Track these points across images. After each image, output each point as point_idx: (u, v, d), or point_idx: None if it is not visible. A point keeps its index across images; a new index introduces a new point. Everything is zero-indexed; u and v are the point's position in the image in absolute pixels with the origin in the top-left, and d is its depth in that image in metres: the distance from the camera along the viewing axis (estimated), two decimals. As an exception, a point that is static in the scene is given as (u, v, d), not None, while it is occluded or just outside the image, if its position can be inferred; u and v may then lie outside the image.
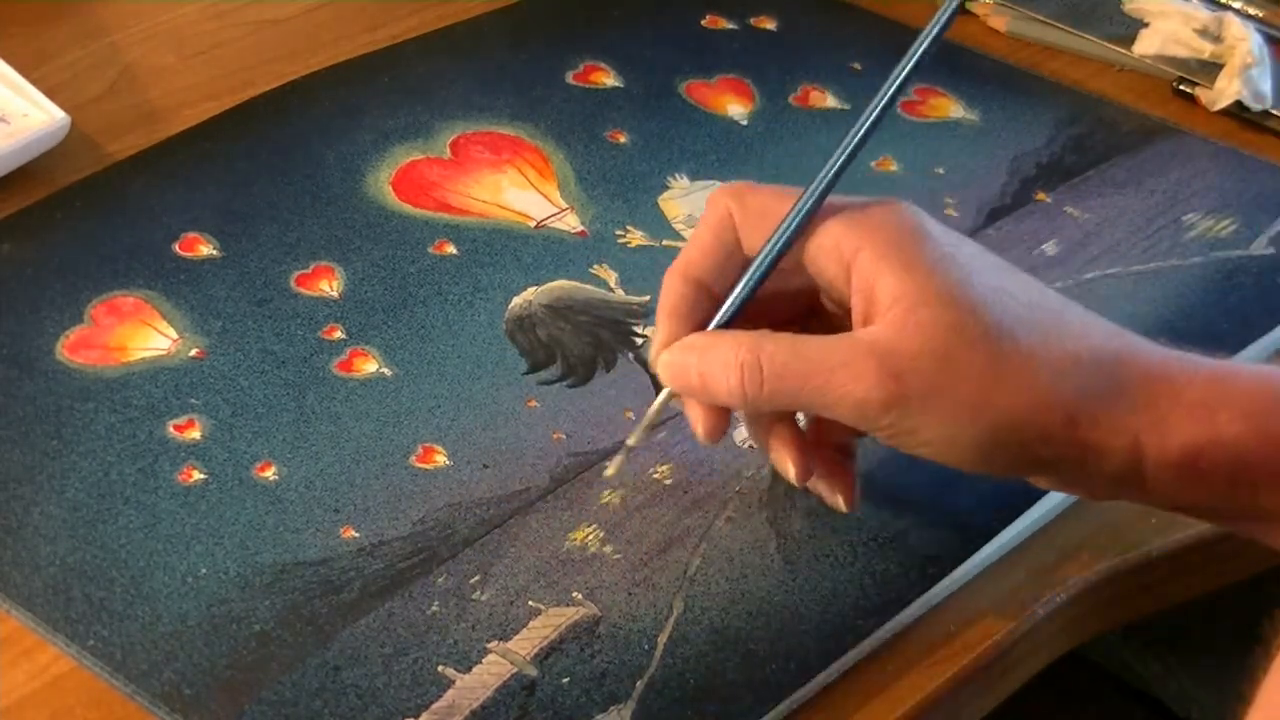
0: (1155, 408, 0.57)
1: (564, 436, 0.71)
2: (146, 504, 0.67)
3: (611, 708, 0.60)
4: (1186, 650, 0.88)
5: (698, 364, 0.61)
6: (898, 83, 0.62)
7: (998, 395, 0.57)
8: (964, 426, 0.57)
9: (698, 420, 0.63)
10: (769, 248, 0.61)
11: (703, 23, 0.98)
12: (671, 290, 0.62)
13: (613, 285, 0.78)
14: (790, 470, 0.63)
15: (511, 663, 0.61)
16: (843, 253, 0.59)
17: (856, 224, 0.59)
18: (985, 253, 0.61)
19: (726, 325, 0.62)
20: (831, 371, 0.57)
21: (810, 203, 0.61)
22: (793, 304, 0.64)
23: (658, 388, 0.66)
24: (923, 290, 0.57)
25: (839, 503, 0.65)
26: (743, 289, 0.62)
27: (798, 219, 0.61)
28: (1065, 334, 0.58)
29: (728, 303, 0.62)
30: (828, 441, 0.65)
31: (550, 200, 0.84)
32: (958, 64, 0.95)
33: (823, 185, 0.61)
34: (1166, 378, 0.58)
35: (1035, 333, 0.58)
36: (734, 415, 0.71)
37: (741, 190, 0.62)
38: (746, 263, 0.62)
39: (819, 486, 0.65)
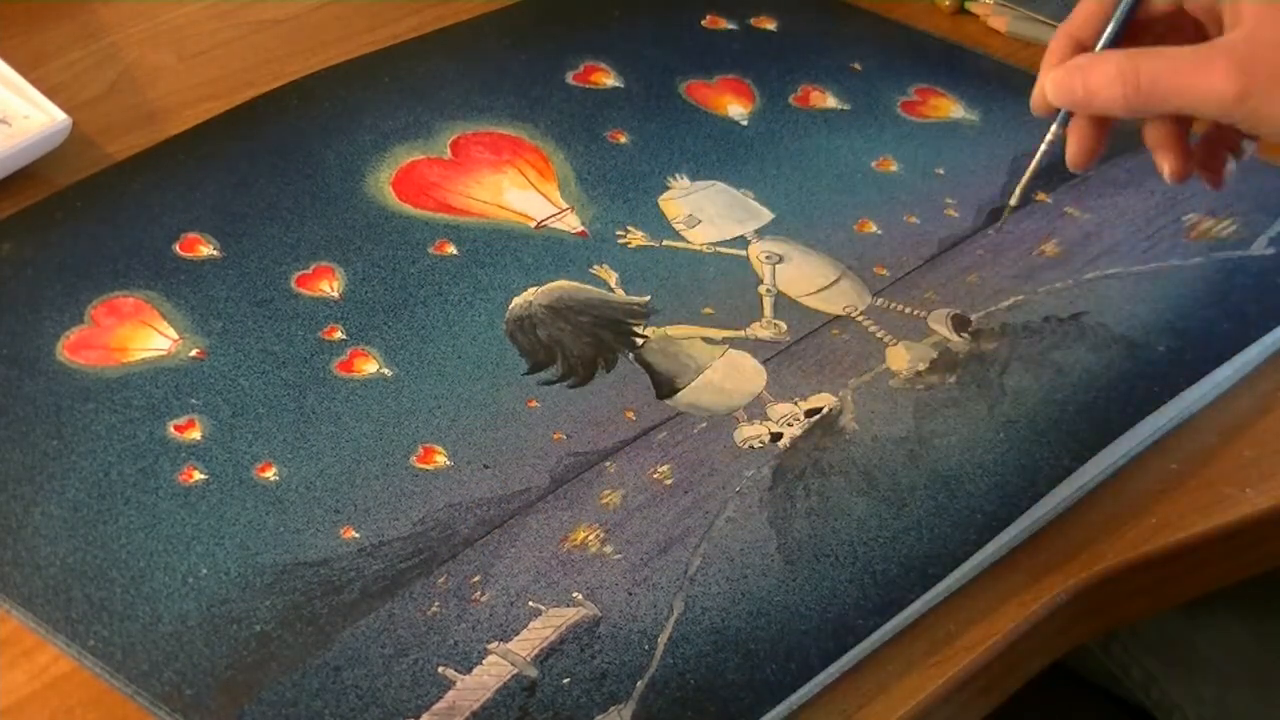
0: None
1: (564, 437, 0.71)
2: (147, 504, 0.67)
3: (612, 708, 0.60)
4: (1169, 657, 0.88)
5: (1083, 77, 0.68)
6: None
7: None
8: None
9: (1076, 143, 0.71)
10: None
11: (703, 23, 0.98)
12: (1055, 45, 0.71)
13: (613, 285, 0.78)
14: (1165, 168, 0.71)
15: (512, 663, 0.61)
16: None
17: None
18: None
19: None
20: (1192, 70, 0.66)
21: None
22: (1176, 42, 0.69)
23: (658, 387, 0.66)
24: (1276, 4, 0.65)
25: (1207, 183, 0.73)
26: (1123, 8, 0.70)
27: None
28: None
29: (1110, 25, 0.70)
30: (1219, 145, 0.73)
31: (550, 200, 0.84)
32: (958, 64, 0.95)
33: None
34: None
35: None
36: (733, 416, 0.71)
37: None
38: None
39: (1193, 175, 0.72)
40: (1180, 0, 0.70)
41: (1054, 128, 0.71)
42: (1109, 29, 0.71)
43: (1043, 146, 0.72)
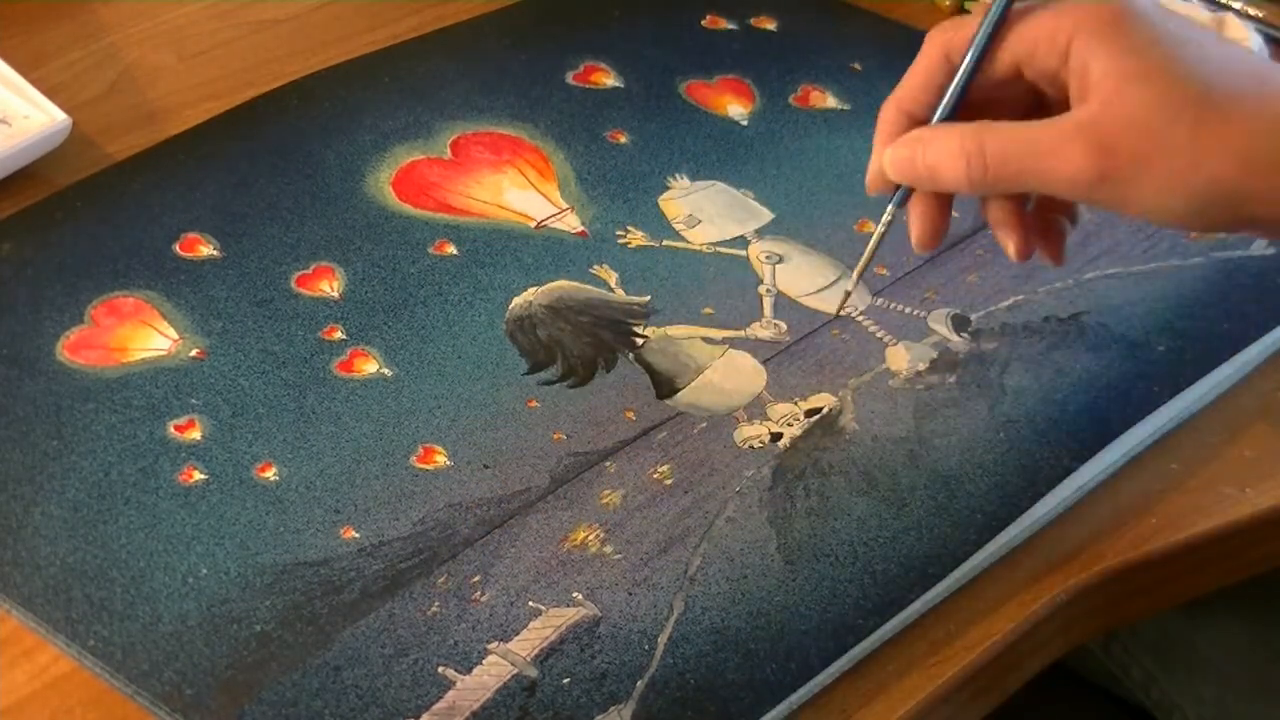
0: None
1: (564, 437, 0.71)
2: (147, 504, 0.67)
3: (612, 708, 0.60)
4: (1169, 657, 0.88)
5: (924, 153, 0.65)
6: None
7: (1206, 162, 0.60)
8: (1175, 194, 0.60)
9: (918, 223, 0.67)
10: (979, 34, 0.64)
11: (703, 23, 0.98)
12: (886, 120, 0.67)
13: (613, 285, 0.78)
14: (1010, 248, 0.67)
15: (512, 663, 0.61)
16: (1057, 41, 0.62)
17: (1068, 13, 0.62)
18: (1191, 25, 0.63)
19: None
20: (1046, 152, 0.61)
21: None
22: (1012, 109, 0.66)
23: (658, 387, 0.66)
24: (1131, 67, 0.60)
25: (1048, 260, 0.69)
26: (961, 77, 0.65)
27: None
28: (1272, 94, 0.61)
29: (947, 95, 0.65)
30: (1051, 213, 0.68)
31: (550, 200, 0.84)
32: (958, 64, 0.95)
33: None
34: None
35: (1242, 97, 0.60)
36: (733, 416, 0.71)
37: (954, 21, 0.66)
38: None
39: (1036, 253, 0.69)
40: (1019, 67, 0.64)
41: (890, 207, 0.67)
42: (945, 100, 0.66)
43: (880, 228, 0.68)
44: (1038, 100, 0.66)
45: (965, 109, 0.65)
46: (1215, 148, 0.60)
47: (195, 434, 0.70)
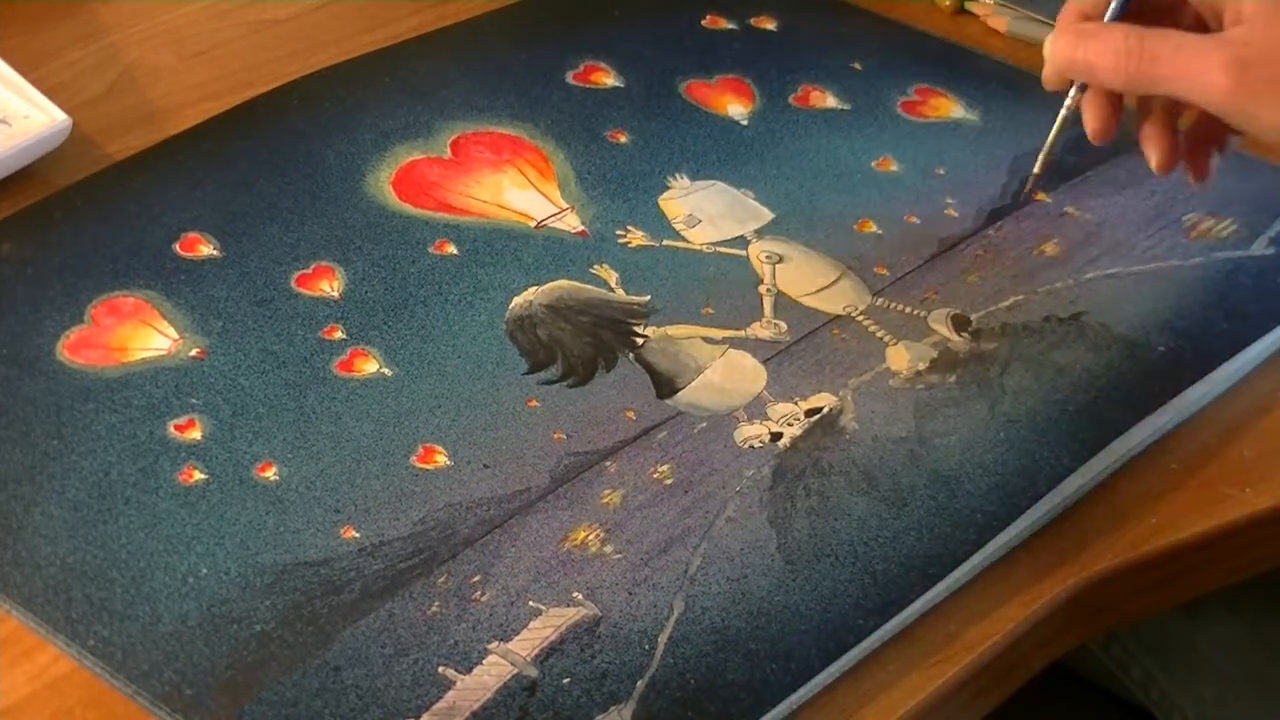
0: None
1: (564, 436, 0.71)
2: (147, 504, 0.67)
3: (612, 708, 0.60)
4: (1169, 657, 0.88)
5: (1086, 45, 0.69)
6: None
7: None
8: None
9: (1095, 115, 0.71)
10: None
11: (703, 23, 0.98)
12: (1064, 15, 0.71)
13: (613, 285, 0.78)
14: (1153, 159, 0.72)
15: (512, 663, 0.61)
16: None
17: None
18: None
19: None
20: (1191, 58, 0.66)
21: None
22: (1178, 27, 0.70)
23: (658, 387, 0.66)
24: (1275, 5, 0.66)
25: (1190, 178, 0.74)
26: None
27: None
28: None
29: (1114, 2, 0.70)
30: (1206, 139, 0.73)
31: (551, 200, 0.84)
32: (958, 64, 0.95)
33: None
34: None
35: None
36: (733, 416, 0.71)
37: None
38: None
39: (1178, 166, 0.73)
40: None
41: (1072, 92, 0.72)
42: (1114, 3, 0.71)
43: (1061, 112, 0.73)
44: (1199, 28, 0.70)
45: (1134, 21, 0.69)
46: None
47: (195, 434, 0.70)
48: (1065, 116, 0.73)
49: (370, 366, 0.74)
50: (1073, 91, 0.72)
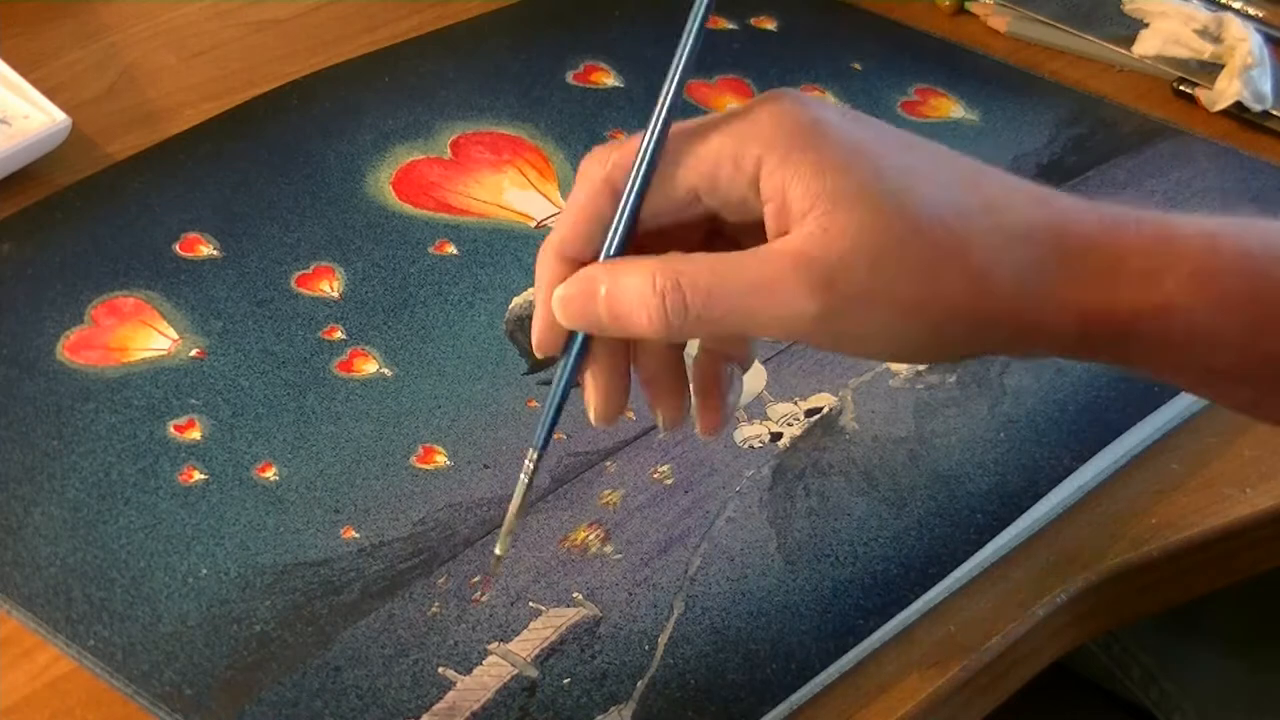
0: (1100, 279, 0.54)
1: (564, 437, 0.71)
2: (147, 504, 0.67)
3: (612, 708, 0.60)
4: (1169, 657, 0.88)
5: (606, 293, 0.54)
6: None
7: (937, 288, 0.53)
8: (907, 325, 0.53)
9: (594, 396, 0.57)
10: (642, 153, 0.54)
11: (703, 23, 0.98)
12: (547, 269, 0.56)
13: (613, 285, 0.78)
14: (663, 418, 0.59)
15: (512, 664, 0.61)
16: (743, 166, 0.53)
17: (749, 133, 0.54)
18: (885, 129, 0.56)
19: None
20: (757, 289, 0.53)
21: (676, 72, 0.56)
22: (688, 238, 0.57)
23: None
24: (837, 190, 0.52)
25: (707, 425, 0.59)
26: (625, 203, 0.55)
27: (664, 104, 0.55)
28: (991, 209, 0.54)
29: (614, 225, 0.55)
30: (720, 362, 0.59)
31: (550, 200, 0.84)
32: (958, 64, 0.95)
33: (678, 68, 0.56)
34: (1108, 245, 0.54)
35: (961, 214, 0.53)
36: (734, 415, 0.71)
37: (611, 146, 0.56)
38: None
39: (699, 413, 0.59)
40: (696, 194, 0.54)
41: (567, 366, 0.56)
42: (613, 230, 0.55)
43: (552, 397, 0.57)
44: (714, 230, 0.57)
45: (634, 247, 0.55)
46: (946, 271, 0.53)
47: (195, 434, 0.70)
48: (559, 396, 0.57)
49: (370, 367, 0.74)
50: (571, 356, 0.56)
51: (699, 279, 0.53)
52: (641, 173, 0.54)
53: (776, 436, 0.71)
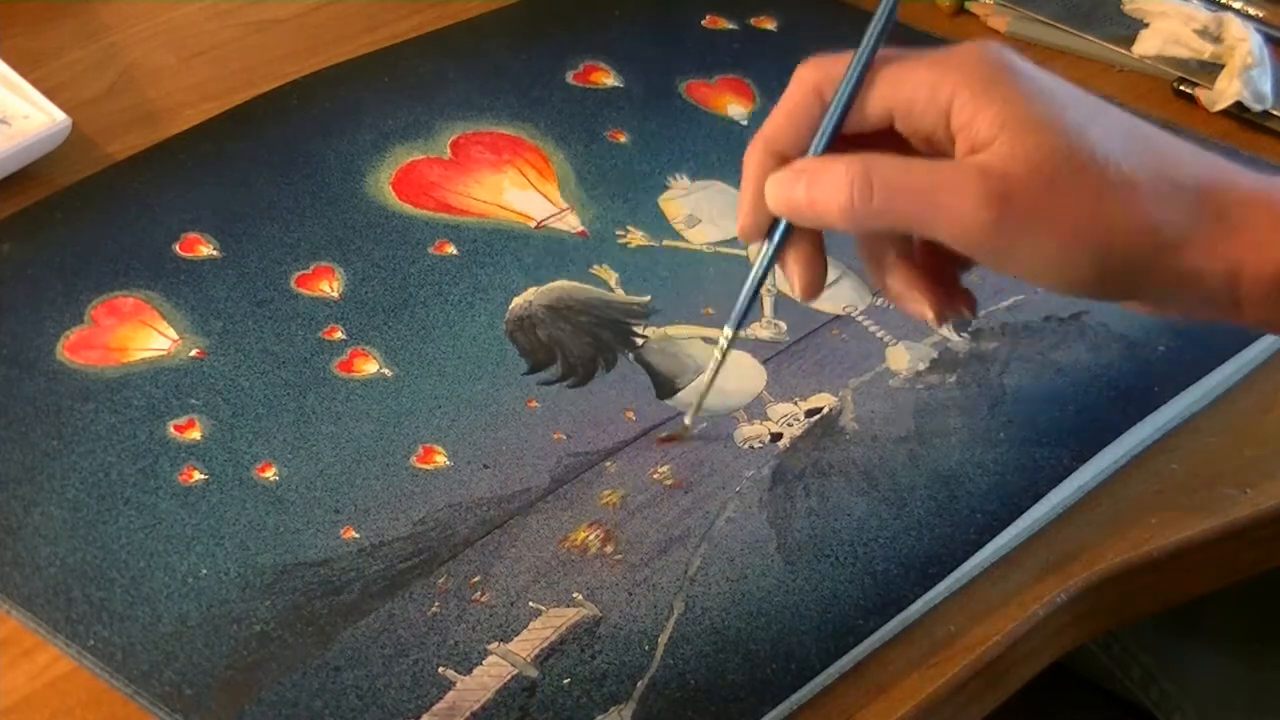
0: (1252, 230, 0.58)
1: (564, 437, 0.71)
2: (147, 504, 0.67)
3: (612, 708, 0.60)
4: (1169, 657, 0.88)
5: (807, 184, 0.61)
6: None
7: (1102, 219, 0.58)
8: (1067, 249, 0.58)
9: (796, 274, 0.64)
10: (852, 68, 0.61)
11: (703, 23, 0.98)
12: (753, 162, 0.63)
13: (613, 285, 0.78)
14: (929, 314, 0.63)
15: (512, 664, 0.61)
16: (939, 98, 0.59)
17: (948, 68, 0.60)
18: (1070, 85, 0.61)
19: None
20: (940, 189, 0.58)
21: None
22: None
23: (658, 387, 0.66)
24: (1025, 118, 0.58)
25: (966, 315, 0.65)
26: (836, 107, 0.61)
27: (877, 27, 0.62)
28: (1161, 159, 0.59)
29: (823, 126, 0.61)
30: (939, 266, 0.64)
31: (550, 200, 0.84)
32: (958, 64, 0.95)
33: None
34: (1262, 201, 0.59)
35: (1133, 158, 0.58)
36: (733, 416, 0.71)
37: (824, 59, 0.62)
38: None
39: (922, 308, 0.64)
40: (892, 117, 0.61)
41: (769, 248, 0.63)
42: (821, 131, 0.61)
43: (755, 272, 0.64)
44: (907, 149, 0.62)
45: (838, 148, 0.61)
46: (1112, 205, 0.58)
47: (195, 434, 0.70)
48: (763, 271, 0.64)
49: (370, 367, 0.74)
50: (774, 240, 0.63)
51: (889, 175, 0.59)
52: (851, 85, 0.61)
53: (776, 437, 0.71)
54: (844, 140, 0.61)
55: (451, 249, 0.80)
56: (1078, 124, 0.58)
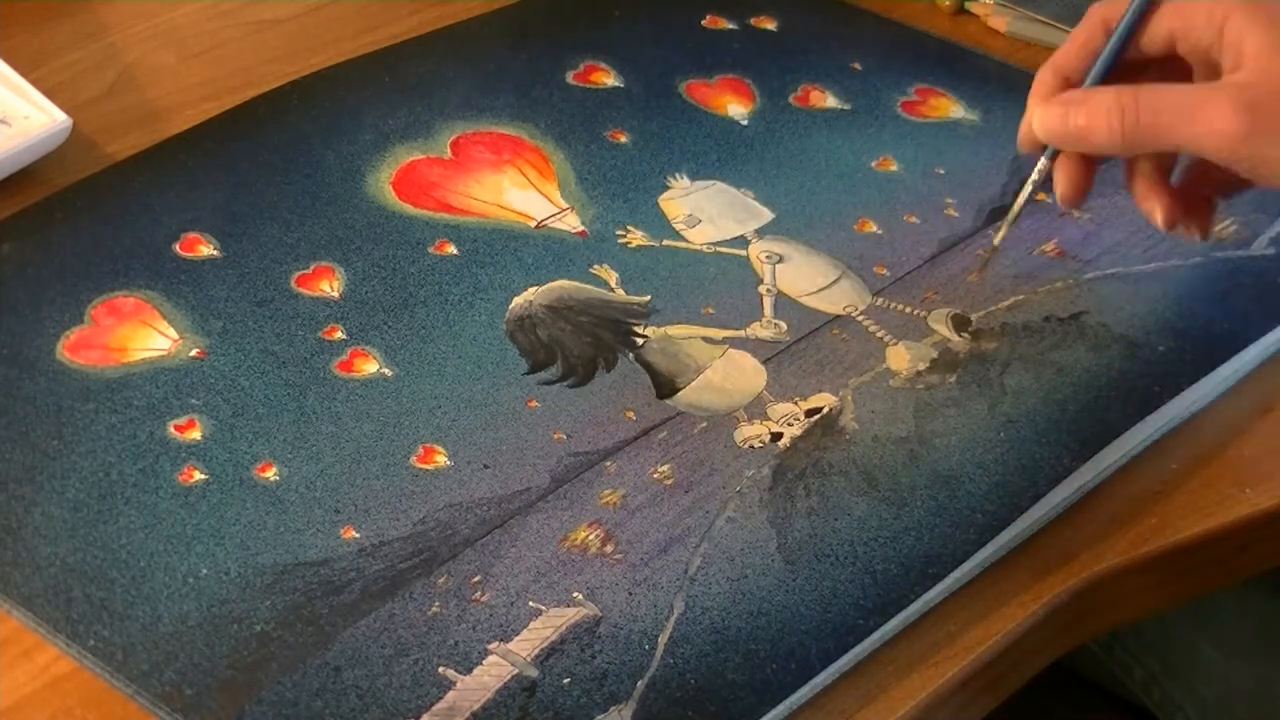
0: None
1: (564, 436, 0.71)
2: (147, 504, 0.67)
3: (612, 708, 0.60)
4: (1171, 657, 0.88)
5: (1076, 113, 0.67)
6: None
7: None
8: None
9: (1065, 180, 0.70)
10: (1132, 5, 0.68)
11: (703, 23, 0.98)
12: (1042, 81, 0.69)
13: (613, 285, 0.78)
14: (1157, 215, 0.70)
15: (512, 664, 0.61)
16: (1214, 17, 0.66)
17: None
18: None
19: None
20: (1196, 107, 0.64)
21: None
22: (1155, 79, 0.68)
23: (658, 387, 0.66)
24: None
25: (1195, 235, 0.71)
26: (1115, 41, 0.68)
27: None
28: None
29: (1101, 58, 0.68)
30: (1198, 191, 0.71)
31: (551, 200, 0.84)
32: (958, 64, 0.95)
33: None
34: None
35: None
36: (733, 416, 0.71)
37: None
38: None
39: (1180, 224, 0.71)
40: (1173, 41, 0.68)
41: (1042, 160, 0.70)
42: (1099, 63, 0.69)
43: (1028, 185, 0.71)
44: (1186, 80, 0.68)
45: (1120, 80, 0.67)
46: None
47: (195, 434, 0.70)
48: (1036, 183, 0.71)
49: (370, 367, 0.74)
50: (1043, 160, 0.70)
51: (1151, 99, 0.65)
52: (1130, 21, 0.68)
53: (777, 436, 0.71)
54: (1127, 68, 0.68)
55: (452, 249, 0.80)
56: None
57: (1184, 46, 0.68)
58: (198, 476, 0.68)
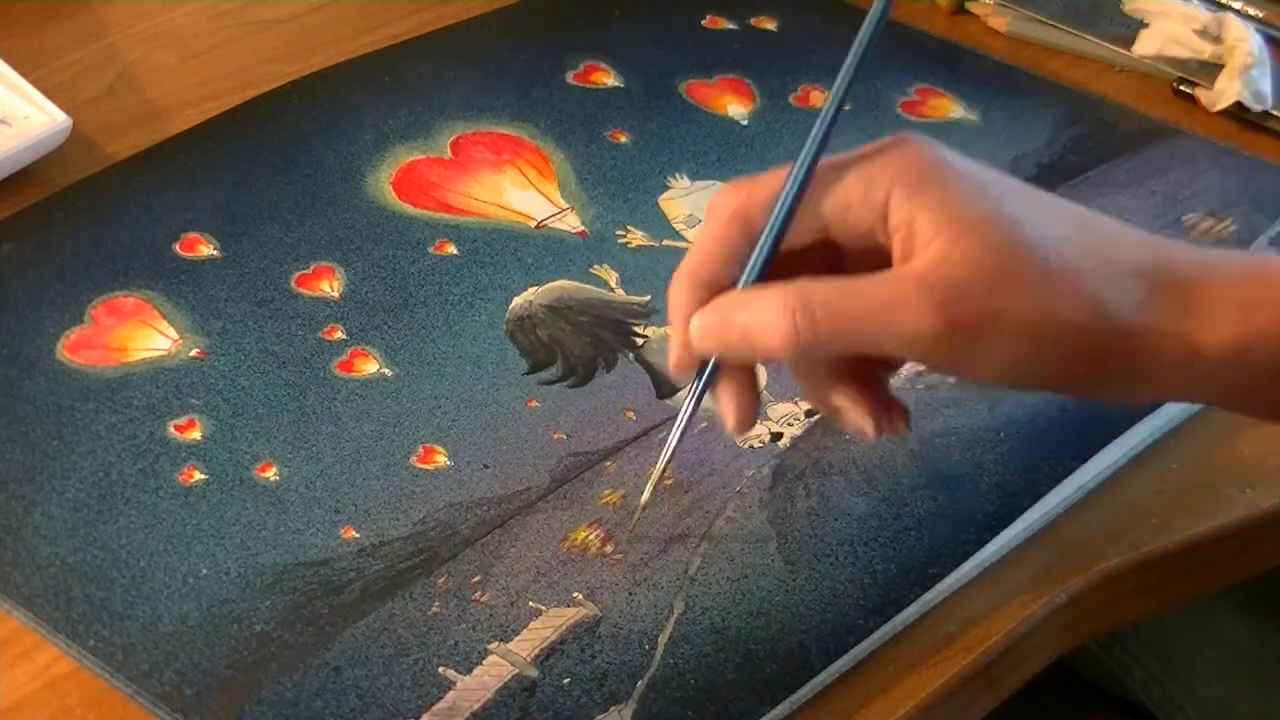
0: (1202, 310, 0.57)
1: (565, 436, 0.71)
2: (147, 504, 0.67)
3: (612, 708, 0.60)
4: (1171, 657, 0.88)
5: (741, 317, 0.58)
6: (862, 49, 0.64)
7: (1053, 312, 0.56)
8: (1026, 348, 0.57)
9: (729, 408, 0.61)
10: (787, 189, 0.59)
11: (703, 23, 0.98)
12: (680, 295, 0.60)
13: (613, 285, 0.78)
14: (868, 429, 0.61)
15: (512, 664, 0.61)
16: (873, 199, 0.58)
17: (879, 168, 0.58)
18: (1004, 176, 0.61)
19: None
20: (885, 308, 0.56)
21: (827, 119, 0.61)
22: (810, 270, 0.60)
23: (658, 387, 0.66)
24: (961, 218, 0.57)
25: (900, 428, 0.63)
26: (767, 237, 0.59)
27: (812, 148, 0.60)
28: (1102, 245, 0.58)
29: (754, 256, 0.59)
30: (866, 380, 0.63)
31: (551, 200, 0.84)
32: (958, 64, 0.95)
33: (830, 111, 0.61)
34: (1207, 282, 0.58)
35: (1075, 246, 0.57)
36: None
37: (744, 182, 0.61)
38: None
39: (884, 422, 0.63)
40: (826, 229, 0.59)
41: (699, 384, 0.61)
42: (753, 261, 0.59)
43: (683, 415, 0.63)
44: (836, 264, 0.61)
45: (772, 278, 0.59)
46: (1061, 297, 0.56)
47: (195, 434, 0.70)
48: (691, 411, 0.62)
49: (370, 367, 0.74)
50: (702, 379, 0.61)
51: (828, 300, 0.57)
52: (785, 209, 0.59)
53: (777, 436, 0.71)
54: (780, 258, 0.60)
55: (452, 249, 0.80)
56: (1015, 215, 0.57)
57: (839, 232, 0.59)
58: (198, 476, 0.68)
